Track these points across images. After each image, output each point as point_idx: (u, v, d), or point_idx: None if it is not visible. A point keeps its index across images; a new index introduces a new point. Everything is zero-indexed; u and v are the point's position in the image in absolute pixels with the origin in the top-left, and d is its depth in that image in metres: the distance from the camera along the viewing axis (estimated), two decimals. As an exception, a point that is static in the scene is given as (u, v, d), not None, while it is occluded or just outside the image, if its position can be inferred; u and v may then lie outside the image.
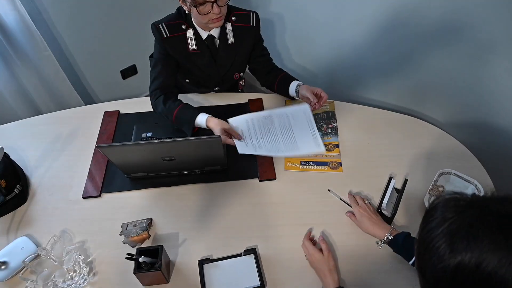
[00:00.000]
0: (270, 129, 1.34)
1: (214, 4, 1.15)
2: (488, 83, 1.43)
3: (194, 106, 1.43)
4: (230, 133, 1.30)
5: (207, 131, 1.32)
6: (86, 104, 2.02)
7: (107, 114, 1.51)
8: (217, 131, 1.26)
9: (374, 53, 1.81)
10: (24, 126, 1.50)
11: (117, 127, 1.46)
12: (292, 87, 1.42)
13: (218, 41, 1.33)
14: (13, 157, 1.31)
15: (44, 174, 1.32)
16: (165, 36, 1.29)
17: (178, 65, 1.42)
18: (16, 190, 1.21)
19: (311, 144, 1.30)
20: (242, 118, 1.38)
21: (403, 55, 1.68)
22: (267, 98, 1.56)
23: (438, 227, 0.55)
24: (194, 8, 1.16)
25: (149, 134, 1.40)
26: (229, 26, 1.33)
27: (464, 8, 1.34)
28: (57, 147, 1.41)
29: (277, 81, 1.48)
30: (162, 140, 1.05)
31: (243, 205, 1.21)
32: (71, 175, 1.31)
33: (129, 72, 2.47)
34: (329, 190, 1.23)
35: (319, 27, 2.01)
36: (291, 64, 2.38)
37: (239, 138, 1.30)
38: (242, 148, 1.29)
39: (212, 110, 1.39)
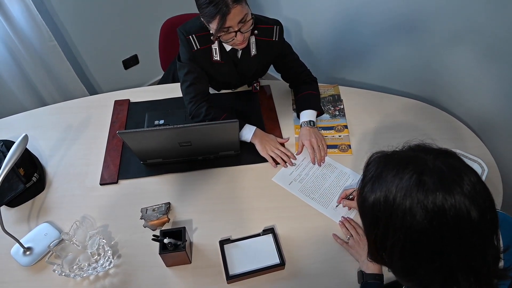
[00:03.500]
0: (325, 176, 1.28)
1: (238, 33, 1.14)
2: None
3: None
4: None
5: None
6: (90, 95, 2.02)
7: (117, 103, 1.52)
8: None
9: (376, 40, 1.84)
10: (33, 117, 1.51)
11: (129, 116, 1.48)
12: (301, 118, 1.40)
13: (240, 52, 1.34)
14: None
15: (59, 162, 1.34)
16: (195, 48, 1.28)
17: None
18: (34, 179, 1.23)
19: (334, 213, 1.18)
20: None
21: (401, 43, 1.71)
22: (275, 83, 1.59)
23: (366, 178, 0.67)
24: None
25: (162, 122, 1.42)
26: (252, 39, 1.32)
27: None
28: (70, 136, 1.42)
29: (297, 97, 1.47)
30: (181, 125, 1.08)
31: (258, 188, 1.24)
32: (86, 163, 1.33)
33: (130, 62, 2.47)
34: None
35: (322, 12, 2.02)
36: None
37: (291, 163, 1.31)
38: (282, 176, 1.27)
39: (218, 97, 1.42)
